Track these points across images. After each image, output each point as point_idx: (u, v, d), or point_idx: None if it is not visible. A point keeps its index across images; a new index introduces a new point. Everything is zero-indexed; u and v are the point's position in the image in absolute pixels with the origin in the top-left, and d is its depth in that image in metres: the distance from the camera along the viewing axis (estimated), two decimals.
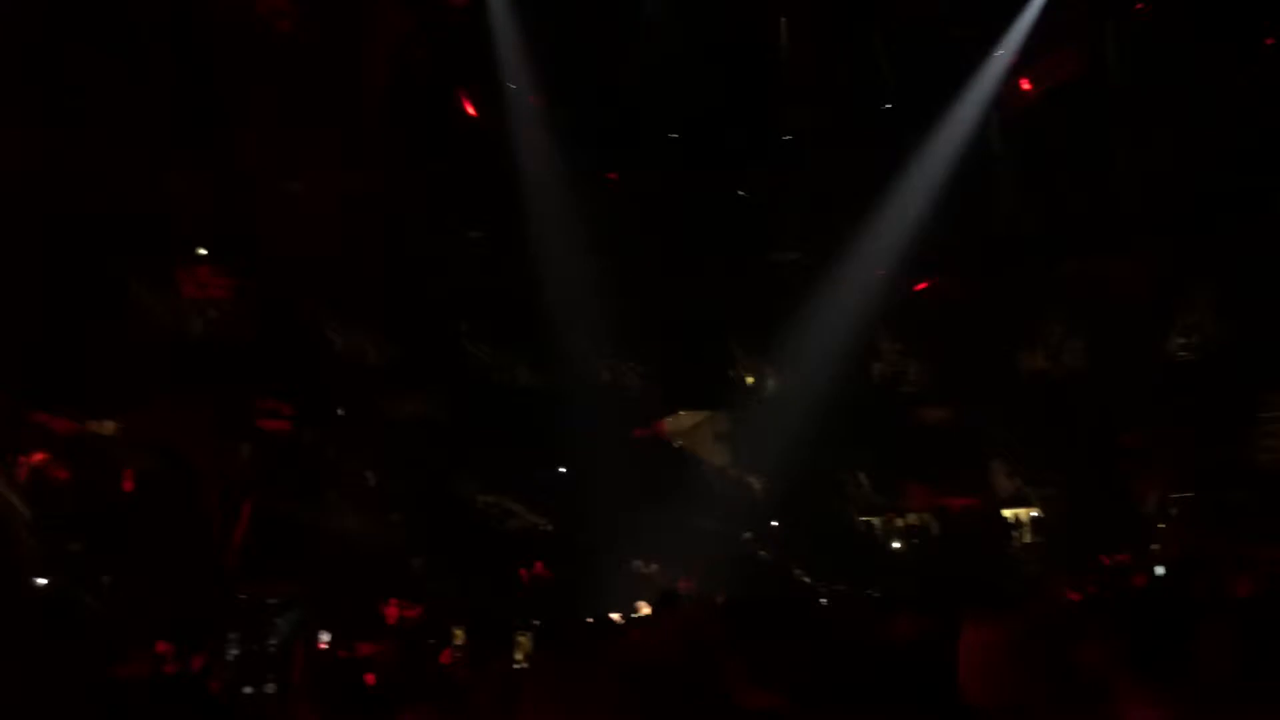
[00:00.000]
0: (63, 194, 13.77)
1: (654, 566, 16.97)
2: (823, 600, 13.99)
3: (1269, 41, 17.75)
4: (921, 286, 20.40)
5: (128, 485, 13.03)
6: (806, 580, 17.57)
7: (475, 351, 19.58)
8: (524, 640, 11.33)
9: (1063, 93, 19.15)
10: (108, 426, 13.48)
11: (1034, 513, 18.82)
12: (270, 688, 8.36)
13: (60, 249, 13.50)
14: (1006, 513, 18.94)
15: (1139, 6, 18.38)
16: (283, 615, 10.44)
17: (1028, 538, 18.65)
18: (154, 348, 14.68)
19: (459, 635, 12.78)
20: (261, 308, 16.14)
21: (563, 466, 19.24)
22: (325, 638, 11.43)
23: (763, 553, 18.59)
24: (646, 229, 20.15)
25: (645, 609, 13.62)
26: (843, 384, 19.10)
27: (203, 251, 16.54)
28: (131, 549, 11.64)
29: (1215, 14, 17.15)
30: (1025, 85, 19.20)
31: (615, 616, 15.18)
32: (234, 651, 11.11)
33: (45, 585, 11.23)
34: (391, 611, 13.61)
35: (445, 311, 18.74)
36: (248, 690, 8.48)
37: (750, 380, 21.70)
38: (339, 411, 17.28)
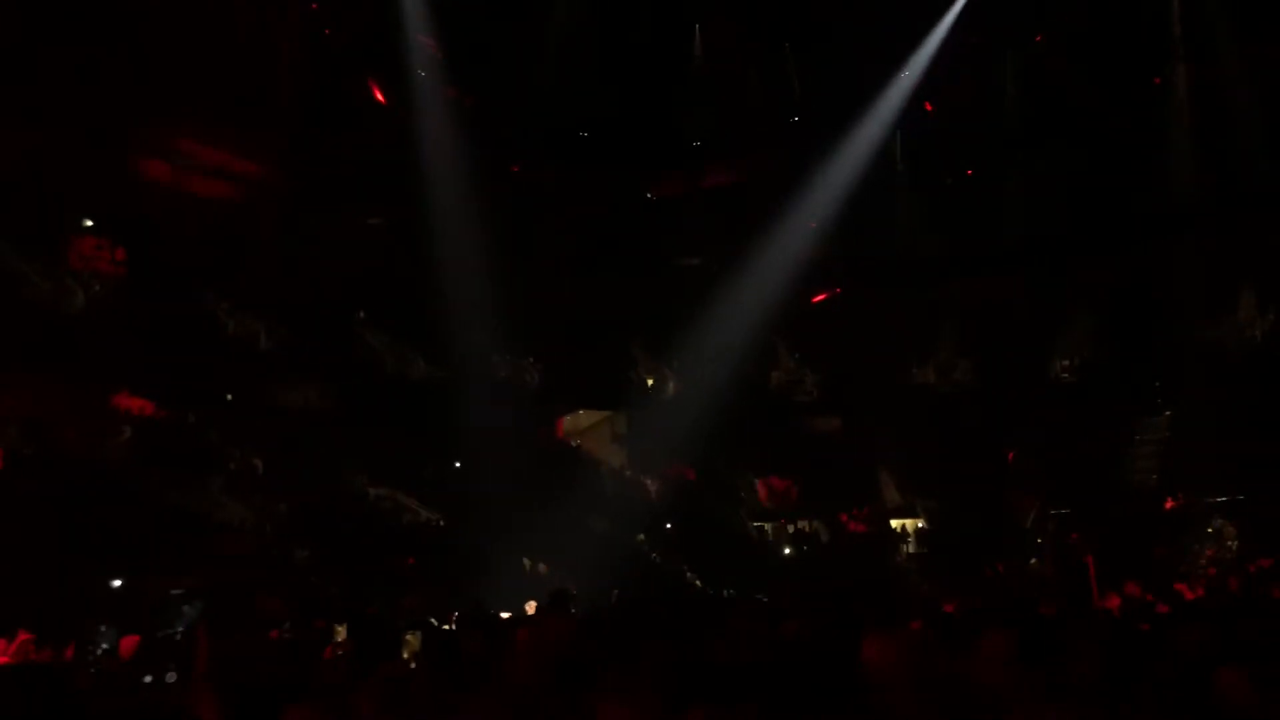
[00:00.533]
0: None
1: (542, 566, 16.83)
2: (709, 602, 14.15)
3: (1156, 80, 18.69)
4: (821, 298, 20.84)
5: None
6: (697, 583, 17.68)
7: (371, 341, 19.16)
8: (412, 639, 11.09)
9: (962, 116, 19.83)
10: None
11: (919, 523, 19.35)
12: (171, 676, 8.02)
13: None
14: (894, 523, 19.43)
15: (1038, 39, 19.13)
16: (187, 604, 10.02)
17: (913, 548, 19.15)
18: (30, 321, 13.97)
19: (340, 632, 12.45)
20: (149, 285, 15.47)
21: (457, 461, 18.99)
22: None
23: (655, 555, 18.63)
24: (552, 226, 20.08)
25: (532, 608, 13.55)
26: (740, 390, 19.32)
27: (89, 223, 15.82)
28: None
29: (1106, 50, 17.99)
30: (928, 107, 19.80)
31: (504, 615, 15.07)
32: (104, 644, 10.59)
33: None
34: (273, 605, 13.20)
35: (341, 299, 18.30)
36: (148, 679, 8.11)
37: (650, 382, 21.79)
38: (227, 396, 16.72)
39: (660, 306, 20.36)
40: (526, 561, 17.37)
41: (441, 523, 17.20)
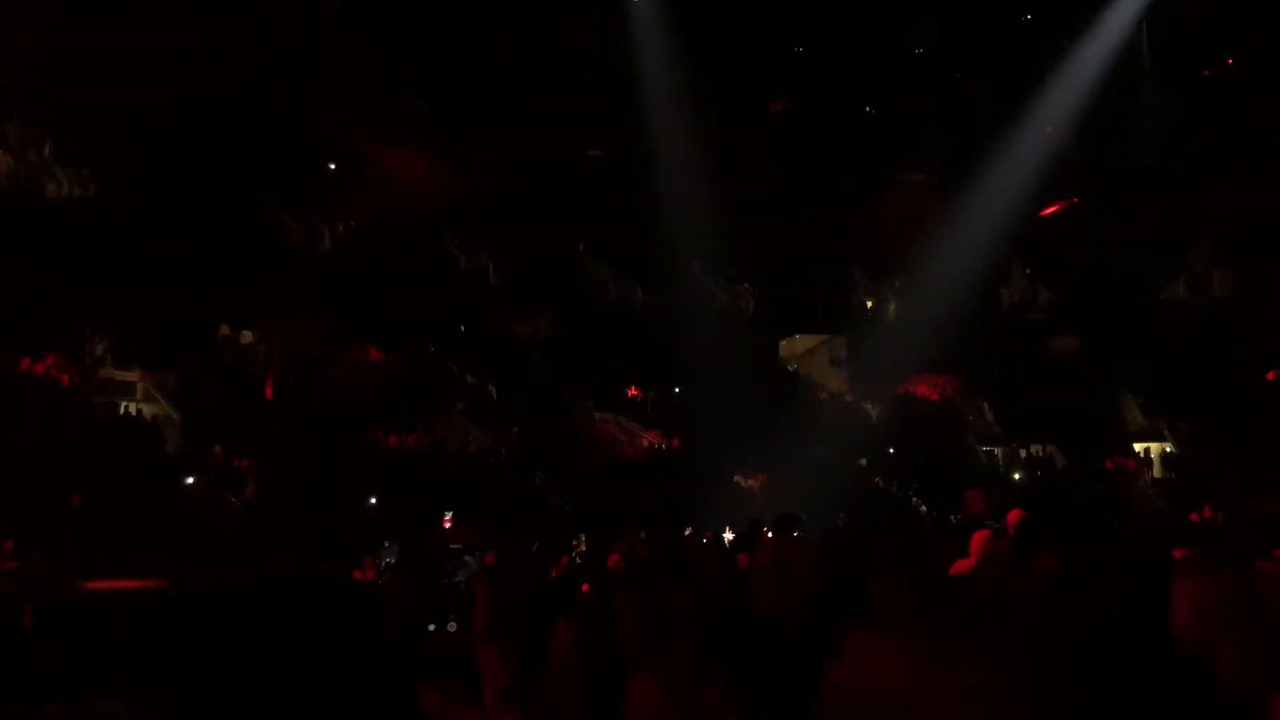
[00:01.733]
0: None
1: (754, 485, 16.75)
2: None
3: None
4: (1055, 209, 19.54)
5: (268, 393, 13.57)
6: (923, 509, 17.31)
7: (593, 272, 19.64)
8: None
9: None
10: (245, 336, 14.08)
11: (1166, 448, 18.07)
12: (452, 625, 8.63)
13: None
14: (1137, 447, 18.23)
15: None
16: (469, 555, 10.78)
17: (1158, 473, 17.95)
18: (285, 265, 15.16)
19: (581, 542, 12.98)
20: (384, 225, 16.42)
21: (678, 387, 19.27)
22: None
23: (879, 481, 18.34)
24: (768, 149, 19.73)
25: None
26: (969, 310, 18.50)
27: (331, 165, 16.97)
28: (276, 455, 12.14)
29: None
30: None
31: (728, 535, 15.29)
32: (388, 558, 11.39)
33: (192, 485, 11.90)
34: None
35: (563, 231, 18.77)
36: (431, 627, 8.74)
37: (869, 304, 21.27)
38: (460, 328, 17.60)
39: (881, 225, 19.72)
40: (744, 482, 17.45)
41: (664, 446, 17.55)
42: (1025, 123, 18.56)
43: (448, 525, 12.58)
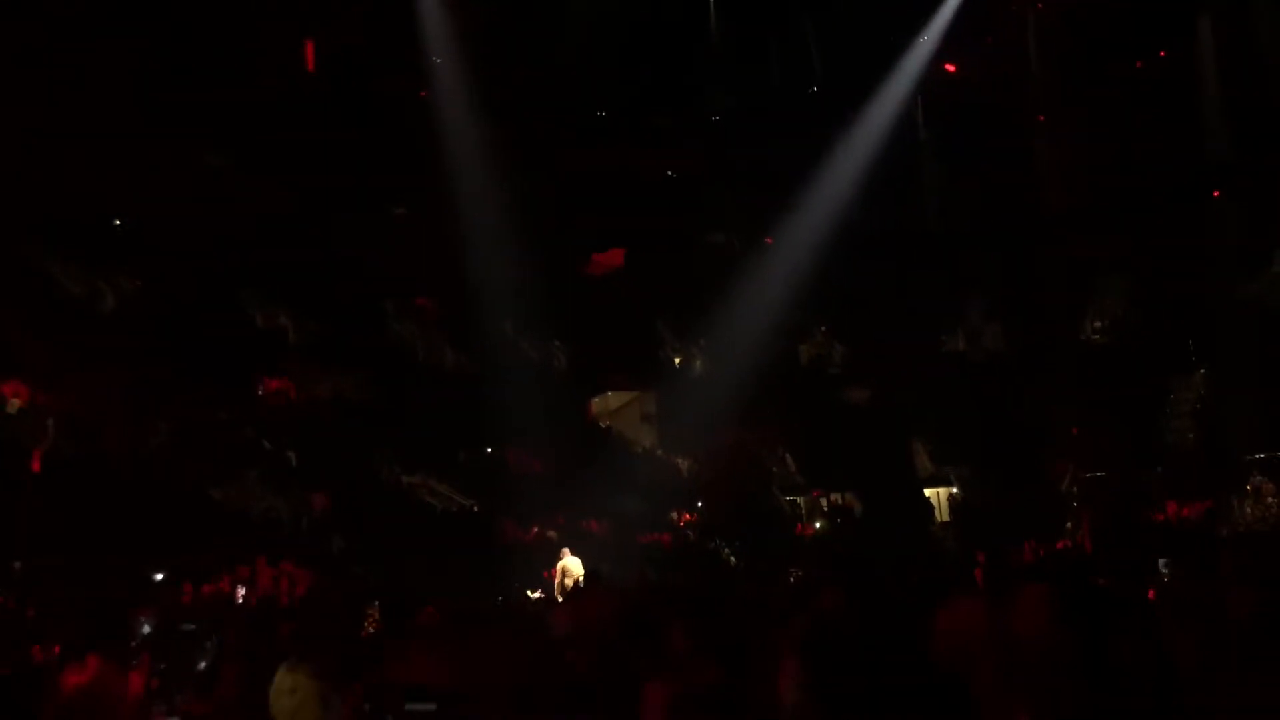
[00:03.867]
0: None
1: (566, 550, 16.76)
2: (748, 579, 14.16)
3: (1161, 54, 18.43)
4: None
5: (35, 465, 12.51)
6: (732, 560, 17.70)
7: (400, 330, 19.26)
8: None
9: (985, 80, 19.60)
10: (13, 404, 12.92)
11: (953, 491, 19.25)
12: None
13: None
14: (928, 492, 19.35)
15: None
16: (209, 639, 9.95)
17: (945, 516, 19.07)
18: (64, 322, 14.12)
19: (373, 612, 12.52)
20: (175, 282, 15.59)
21: (489, 447, 19.08)
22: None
23: (689, 533, 18.65)
24: (574, 208, 20.05)
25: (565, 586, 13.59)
26: (769, 366, 19.26)
27: (117, 222, 15.98)
28: (40, 531, 11.17)
29: (1130, 6, 17.70)
30: (950, 69, 19.58)
31: (533, 594, 15.17)
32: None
33: None
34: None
35: (368, 290, 18.38)
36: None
37: (678, 361, 21.77)
38: (258, 390, 16.85)
39: (686, 285, 20.32)
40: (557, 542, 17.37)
41: (475, 509, 17.29)
42: (816, 186, 19.66)
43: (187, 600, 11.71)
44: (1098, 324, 18.96)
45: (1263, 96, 17.12)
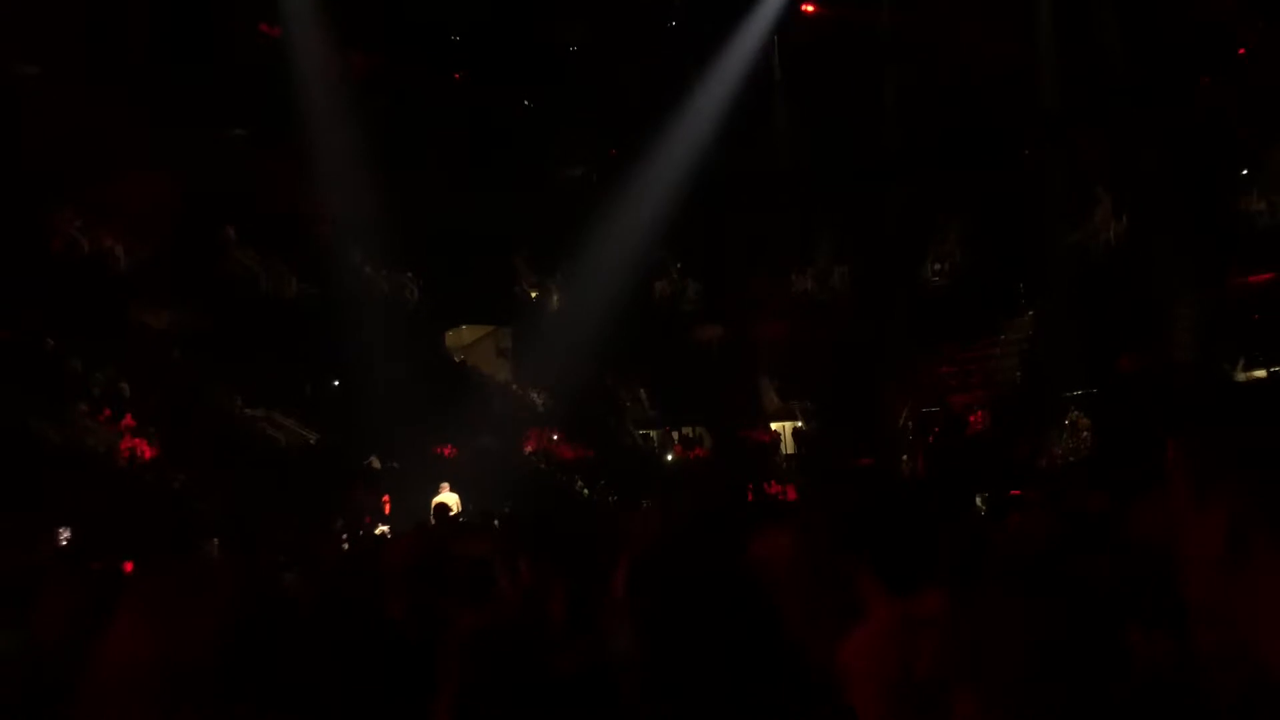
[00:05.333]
0: None
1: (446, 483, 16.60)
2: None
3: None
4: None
5: None
6: (585, 493, 17.92)
7: (242, 259, 18.46)
8: None
9: (842, 26, 19.95)
10: None
11: (798, 425, 19.95)
12: None
13: None
14: (774, 426, 19.99)
15: None
16: None
17: (790, 449, 19.77)
18: None
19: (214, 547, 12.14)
20: None
21: (336, 380, 18.63)
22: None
23: (542, 466, 18.76)
24: (431, 138, 19.53)
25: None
26: (625, 301, 19.39)
27: None
28: None
29: None
30: (807, 9, 19.84)
31: (382, 530, 15.01)
32: None
33: None
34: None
35: (207, 216, 17.51)
36: None
37: (534, 295, 21.66)
38: (85, 320, 15.91)
39: (542, 219, 20.16)
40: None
41: (314, 441, 16.85)
42: (674, 123, 19.72)
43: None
44: (937, 266, 19.81)
45: (1094, 50, 18.04)
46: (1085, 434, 16.20)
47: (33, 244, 14.97)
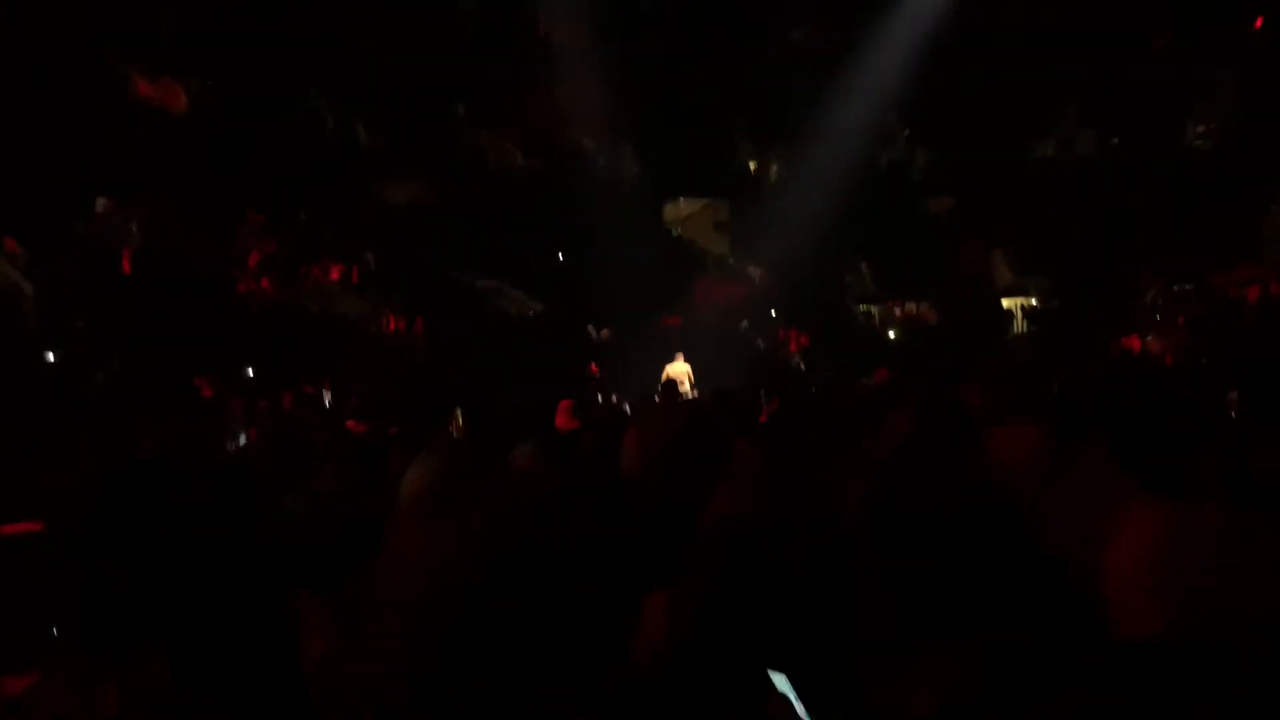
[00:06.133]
0: None
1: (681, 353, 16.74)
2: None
3: None
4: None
5: (126, 266, 12.90)
6: (802, 369, 17.78)
7: (471, 136, 19.04)
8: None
9: None
10: (104, 205, 13.19)
11: (1031, 302, 18.85)
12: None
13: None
14: (1006, 303, 18.97)
15: None
16: None
17: (1023, 327, 18.76)
18: (139, 131, 14.21)
19: (457, 417, 12.87)
20: (245, 85, 15.47)
21: (560, 252, 19.13)
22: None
23: (760, 342, 18.73)
24: (646, 6, 19.21)
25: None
26: (848, 171, 18.69)
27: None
28: (135, 326, 11.62)
29: None
30: None
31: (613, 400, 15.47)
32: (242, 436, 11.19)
33: (54, 362, 11.37)
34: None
35: (439, 94, 18.08)
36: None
37: (753, 166, 21.26)
38: (334, 193, 16.95)
39: (763, 86, 19.56)
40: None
41: (541, 312, 17.44)
42: None
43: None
44: (1201, 128, 17.87)
45: None
46: None
47: (282, 125, 15.92)
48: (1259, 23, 17.76)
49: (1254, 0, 17.26)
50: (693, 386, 15.69)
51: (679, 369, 15.21)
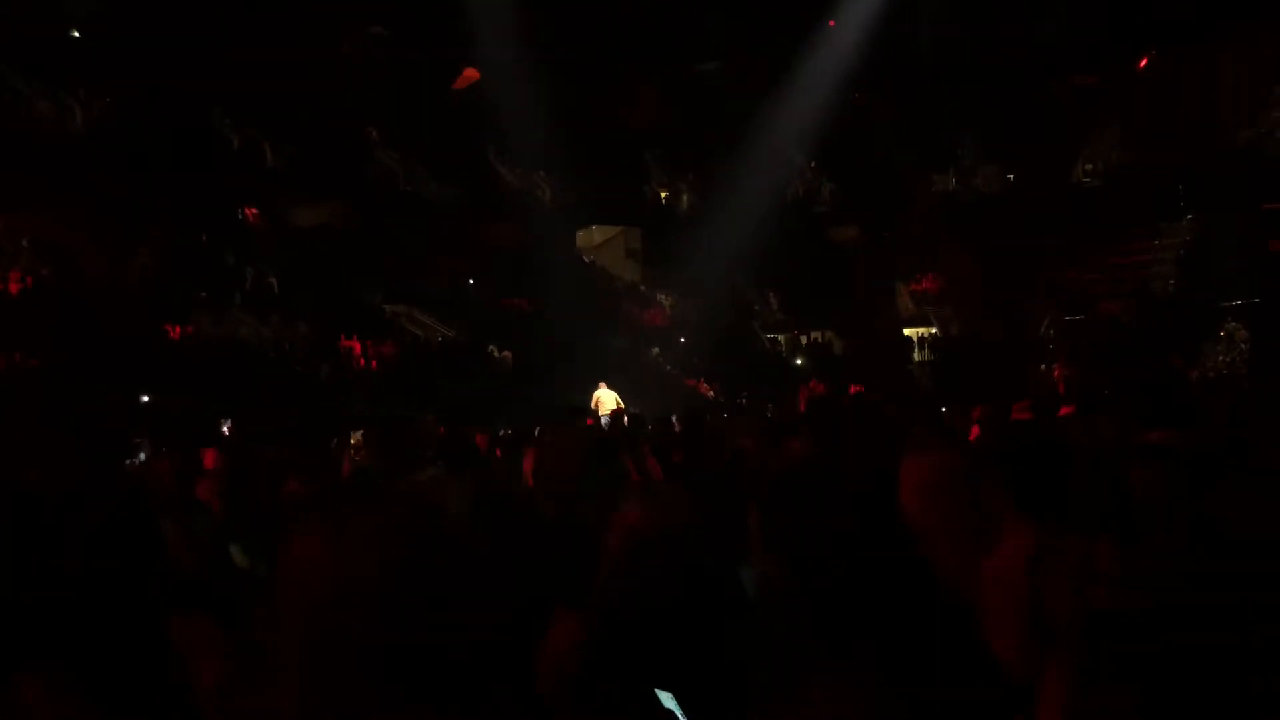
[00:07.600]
0: None
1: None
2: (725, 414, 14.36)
3: None
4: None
5: (13, 288, 12.39)
6: (710, 394, 17.95)
7: (383, 159, 18.87)
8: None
9: None
10: None
11: (933, 331, 19.38)
12: None
13: None
14: (907, 332, 19.48)
15: None
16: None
17: (924, 356, 19.26)
18: (34, 144, 13.72)
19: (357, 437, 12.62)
20: (148, 101, 15.06)
21: (473, 278, 19.02)
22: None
23: (669, 368, 18.86)
24: (562, 33, 19.31)
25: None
26: (757, 202, 19.00)
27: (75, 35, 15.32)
28: (17, 353, 11.15)
29: None
30: None
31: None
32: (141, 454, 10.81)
33: None
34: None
35: (351, 116, 17.87)
36: None
37: (664, 196, 21.48)
38: (238, 215, 16.61)
39: (676, 117, 19.82)
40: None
41: (453, 337, 17.29)
42: (813, 17, 18.94)
43: None
44: (1089, 166, 18.71)
45: None
46: (1243, 346, 15.28)
47: (187, 143, 15.53)
48: (1143, 63, 18.67)
49: (1139, 45, 18.13)
50: (625, 413, 15.69)
51: (608, 395, 15.24)
